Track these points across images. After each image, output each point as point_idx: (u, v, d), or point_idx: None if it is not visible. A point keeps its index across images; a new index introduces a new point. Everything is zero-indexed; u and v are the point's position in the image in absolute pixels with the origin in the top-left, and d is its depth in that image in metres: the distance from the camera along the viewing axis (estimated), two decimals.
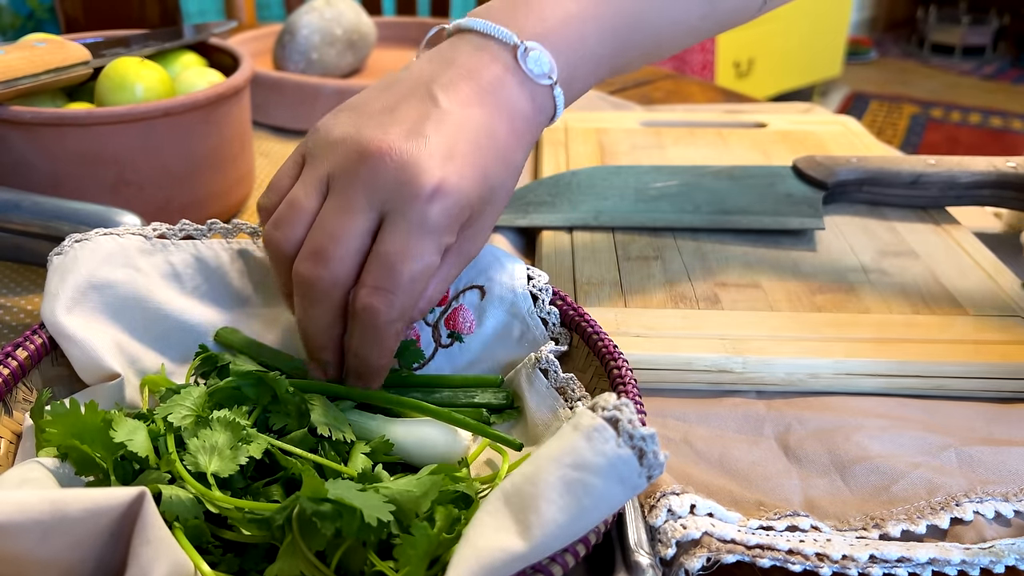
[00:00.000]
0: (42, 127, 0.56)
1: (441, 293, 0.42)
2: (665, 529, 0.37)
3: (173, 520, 0.32)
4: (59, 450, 0.34)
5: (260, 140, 0.86)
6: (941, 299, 0.54)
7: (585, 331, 0.44)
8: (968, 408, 0.47)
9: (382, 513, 0.31)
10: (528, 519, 0.30)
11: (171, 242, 0.46)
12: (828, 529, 0.38)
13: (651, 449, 0.30)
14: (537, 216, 0.63)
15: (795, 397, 0.48)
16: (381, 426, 0.40)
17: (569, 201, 0.64)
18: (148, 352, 0.43)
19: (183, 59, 0.71)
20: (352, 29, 0.97)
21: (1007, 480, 0.41)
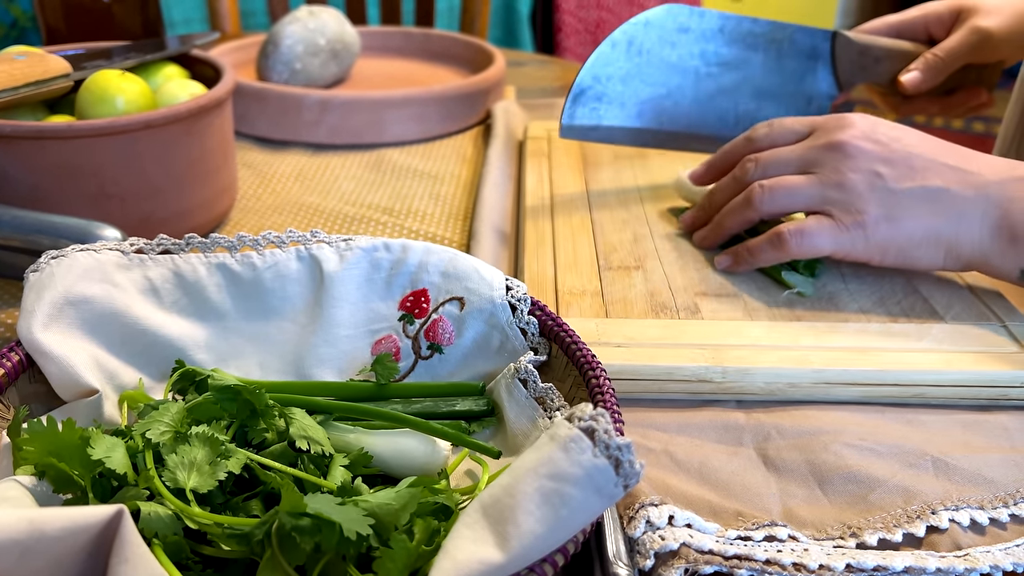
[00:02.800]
0: (22, 140, 0.56)
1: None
2: (643, 540, 0.37)
3: (152, 537, 0.32)
4: (37, 468, 0.34)
5: (243, 150, 0.86)
6: (918, 308, 0.54)
7: (564, 341, 0.44)
8: (945, 416, 0.48)
9: (361, 527, 0.31)
10: (506, 530, 0.30)
11: (149, 257, 0.46)
12: (806, 538, 0.39)
13: (627, 459, 0.30)
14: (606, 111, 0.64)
15: (774, 407, 0.48)
16: (360, 438, 0.40)
17: (636, 86, 0.64)
18: (126, 368, 0.43)
19: (165, 71, 0.71)
20: (336, 39, 0.98)
21: (983, 488, 0.42)
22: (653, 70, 0.64)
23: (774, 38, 0.66)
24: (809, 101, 0.71)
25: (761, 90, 0.67)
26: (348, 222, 0.72)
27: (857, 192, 0.54)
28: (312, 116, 0.87)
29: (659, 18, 0.63)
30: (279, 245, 0.48)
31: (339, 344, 0.47)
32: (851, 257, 0.55)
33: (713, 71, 0.66)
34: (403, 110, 0.89)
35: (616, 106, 0.64)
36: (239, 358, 0.47)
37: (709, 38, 0.65)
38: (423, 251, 0.48)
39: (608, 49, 0.62)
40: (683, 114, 0.67)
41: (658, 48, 0.63)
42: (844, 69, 0.70)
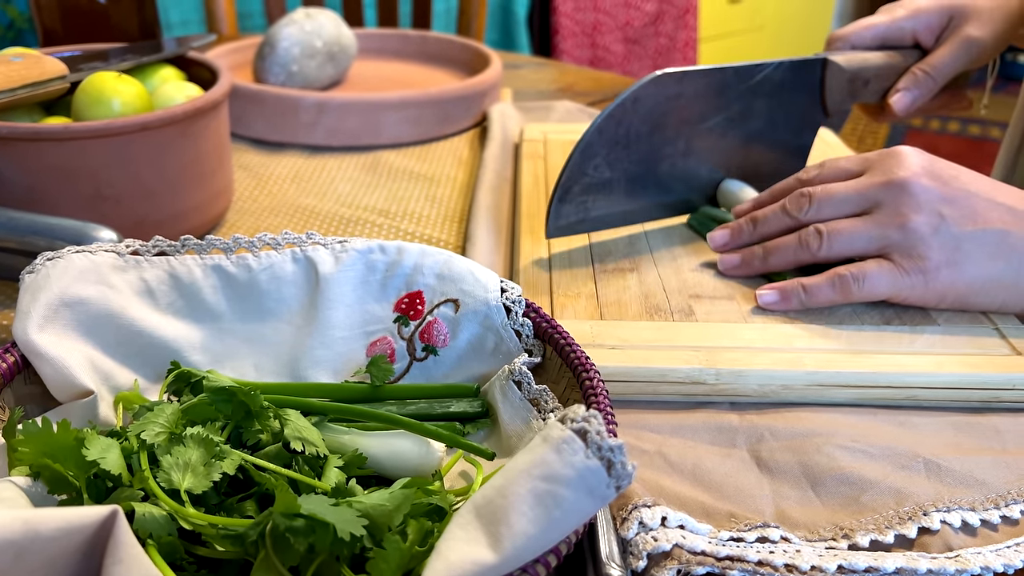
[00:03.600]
0: (18, 142, 0.56)
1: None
2: (636, 541, 0.38)
3: (146, 537, 0.32)
4: (32, 469, 0.34)
5: (240, 152, 0.87)
6: (911, 311, 0.55)
7: (558, 343, 0.44)
8: (937, 418, 0.48)
9: (355, 527, 0.32)
10: (499, 531, 0.30)
11: (144, 259, 0.46)
12: (798, 540, 0.39)
13: (619, 460, 0.30)
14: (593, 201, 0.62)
15: (767, 408, 0.48)
16: (355, 440, 0.40)
17: (624, 167, 0.62)
18: (121, 369, 0.43)
19: (161, 73, 0.71)
20: (332, 41, 0.98)
21: (974, 490, 0.42)
22: (642, 145, 0.61)
23: (766, 80, 0.64)
24: (798, 134, 0.69)
25: (751, 134, 0.66)
26: (344, 224, 0.72)
27: (919, 235, 0.52)
28: (309, 118, 0.87)
29: (647, 92, 0.60)
30: (275, 247, 0.48)
31: (334, 346, 0.47)
32: (909, 302, 0.54)
33: (703, 129, 0.64)
34: (399, 112, 0.89)
35: (604, 193, 0.62)
36: (234, 359, 0.47)
37: (700, 97, 0.62)
38: (418, 253, 0.48)
39: (595, 138, 0.59)
40: (675, 180, 0.65)
41: (647, 123, 0.61)
42: (833, 97, 0.68)
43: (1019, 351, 0.50)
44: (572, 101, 1.03)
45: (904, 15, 0.71)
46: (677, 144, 0.63)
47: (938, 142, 3.36)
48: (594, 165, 0.60)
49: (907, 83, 0.70)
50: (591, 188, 0.61)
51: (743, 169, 0.67)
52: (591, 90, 1.11)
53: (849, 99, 0.70)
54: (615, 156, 0.60)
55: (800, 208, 0.57)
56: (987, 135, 3.40)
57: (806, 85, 0.67)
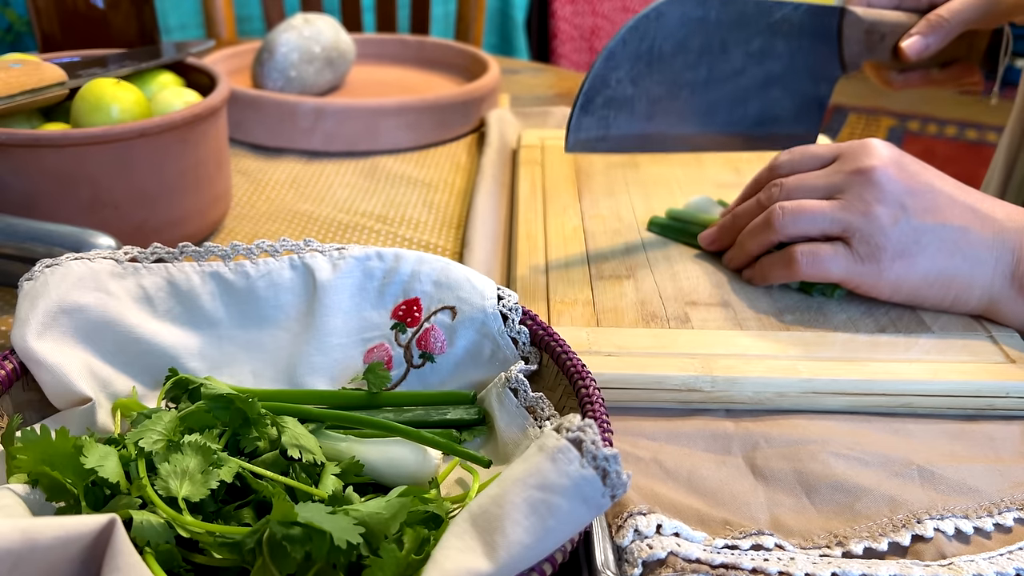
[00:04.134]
0: (17, 148, 0.56)
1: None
2: (631, 549, 0.38)
3: (144, 545, 0.32)
4: (30, 476, 0.35)
5: (238, 158, 0.87)
6: (906, 318, 0.55)
7: (554, 350, 0.44)
8: (932, 425, 0.48)
9: (351, 536, 0.32)
10: (494, 540, 0.30)
11: (143, 265, 0.46)
12: (792, 547, 0.39)
13: (614, 469, 0.30)
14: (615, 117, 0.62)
15: (763, 416, 0.48)
16: (352, 447, 0.41)
17: (647, 86, 0.62)
18: (119, 376, 0.44)
19: (160, 79, 0.71)
20: (331, 47, 0.98)
21: (968, 497, 0.42)
22: (664, 66, 0.62)
23: (784, 20, 0.65)
24: (816, 83, 0.69)
25: (770, 76, 0.66)
26: (342, 230, 0.72)
27: (879, 225, 0.53)
28: (307, 123, 0.87)
29: (670, 9, 0.60)
30: (272, 254, 0.48)
31: (331, 353, 0.47)
32: (861, 289, 0.55)
33: (723, 61, 0.64)
34: (398, 118, 0.89)
35: (626, 111, 0.62)
36: (232, 366, 0.47)
37: (722, 25, 0.63)
38: (415, 260, 0.49)
39: (619, 47, 0.59)
40: (694, 111, 0.65)
41: (670, 42, 0.61)
42: (850, 49, 0.68)
43: (1013, 359, 0.50)
44: (569, 106, 1.03)
45: None
46: (698, 71, 0.63)
47: (935, 146, 3.37)
48: (616, 78, 0.60)
49: (921, 27, 0.70)
50: (613, 102, 0.61)
51: (761, 114, 0.67)
52: None
53: (866, 51, 0.70)
54: (637, 72, 0.60)
55: (771, 198, 0.58)
56: (984, 139, 3.41)
57: (824, 31, 0.67)
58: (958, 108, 3.74)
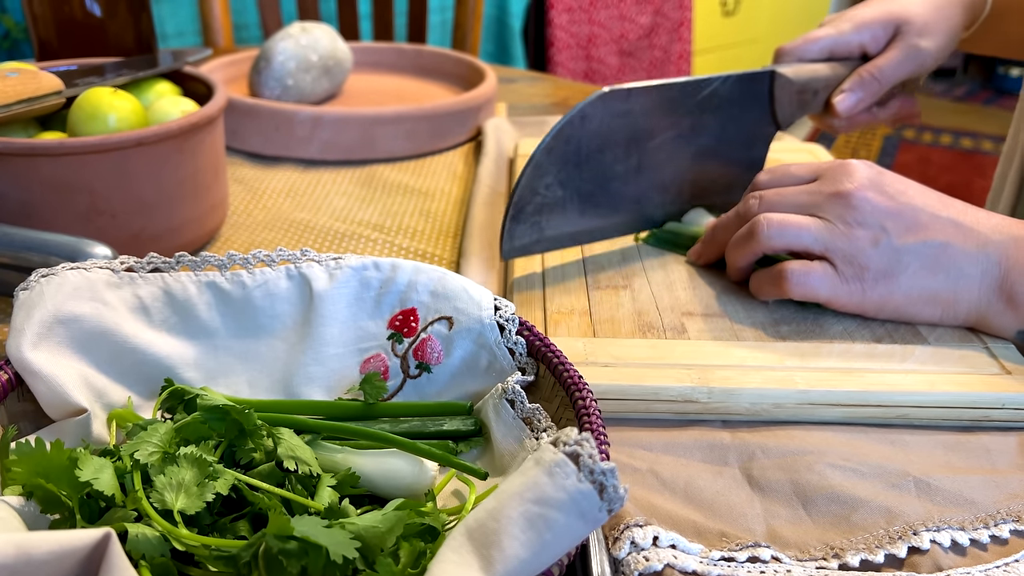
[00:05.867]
0: (14, 157, 0.56)
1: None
2: (628, 561, 0.38)
3: (139, 558, 0.32)
4: (24, 489, 0.34)
5: (235, 166, 0.87)
6: (902, 329, 0.55)
7: (551, 361, 0.44)
8: (928, 437, 0.48)
9: (347, 550, 0.32)
10: (491, 554, 0.30)
11: (139, 275, 0.46)
12: (789, 559, 0.39)
13: (611, 483, 0.30)
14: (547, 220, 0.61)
15: (759, 427, 0.48)
16: (348, 458, 0.40)
17: (577, 185, 0.61)
18: (115, 386, 0.43)
19: (157, 87, 0.71)
20: (328, 55, 0.98)
21: (964, 509, 0.42)
22: (593, 164, 0.61)
23: (713, 95, 0.64)
24: (750, 147, 0.69)
25: (702, 151, 0.66)
26: (338, 238, 0.72)
27: (860, 247, 0.54)
28: (304, 132, 0.87)
29: (594, 110, 0.59)
30: (269, 264, 0.48)
31: (328, 362, 0.47)
32: (847, 309, 0.55)
33: (653, 148, 0.63)
34: (394, 127, 0.89)
35: (558, 213, 0.61)
36: (228, 376, 0.47)
37: (649, 114, 0.62)
38: (412, 270, 0.49)
39: (544, 157, 0.59)
40: (627, 199, 0.64)
41: (596, 140, 0.60)
42: (783, 110, 0.68)
43: (1009, 370, 0.50)
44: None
45: (850, 28, 0.72)
46: (629, 161, 0.63)
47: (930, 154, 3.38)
48: (545, 184, 0.59)
49: (852, 84, 0.71)
50: (544, 207, 0.60)
51: (696, 184, 0.67)
52: None
53: (799, 110, 0.70)
54: (567, 174, 0.60)
55: (750, 210, 0.59)
56: (979, 148, 3.42)
57: (755, 98, 0.67)
58: (953, 117, 3.75)
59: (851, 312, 0.56)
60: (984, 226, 0.54)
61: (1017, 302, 0.52)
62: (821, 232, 0.54)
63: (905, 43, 0.71)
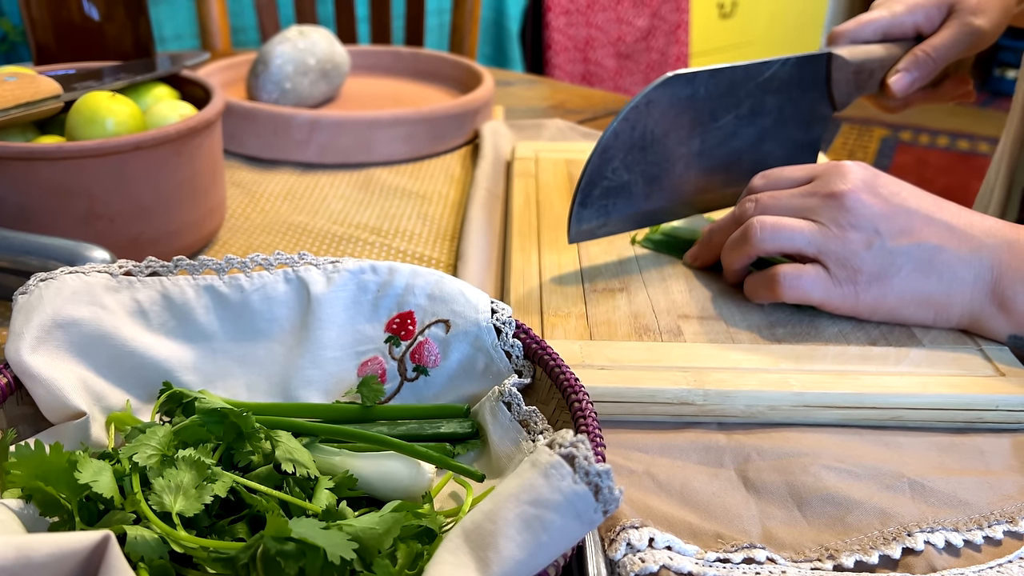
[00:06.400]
0: (12, 161, 0.56)
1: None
2: (624, 563, 0.38)
3: (138, 560, 0.33)
4: (24, 491, 0.35)
5: (232, 170, 0.87)
6: (897, 331, 0.55)
7: (548, 364, 0.44)
8: (922, 438, 0.48)
9: (345, 551, 0.32)
10: (487, 556, 0.30)
11: (137, 279, 0.46)
12: (784, 561, 0.39)
13: (606, 485, 0.31)
14: (613, 204, 0.62)
15: (755, 428, 0.49)
16: (345, 461, 0.41)
17: (643, 168, 0.62)
18: (114, 390, 0.44)
19: (155, 91, 0.72)
20: (325, 59, 0.98)
21: (958, 510, 0.43)
22: (658, 147, 0.62)
23: (773, 77, 0.65)
24: (807, 127, 0.70)
25: (762, 132, 0.67)
26: (336, 242, 0.73)
27: (853, 249, 0.54)
28: (301, 135, 0.88)
29: (660, 95, 0.61)
30: (267, 267, 0.48)
31: (325, 366, 0.48)
32: (840, 311, 0.55)
33: (715, 128, 0.65)
34: (392, 130, 0.89)
35: (624, 196, 0.62)
36: (226, 379, 0.47)
37: (711, 97, 0.63)
38: (409, 273, 0.49)
39: (612, 141, 0.60)
40: (690, 181, 0.66)
41: (661, 125, 0.61)
42: (840, 91, 0.69)
43: (1003, 372, 0.51)
44: (563, 119, 1.03)
45: (903, 9, 0.72)
46: (691, 144, 0.64)
47: (927, 156, 3.38)
48: (612, 168, 0.61)
49: (907, 64, 0.71)
50: (611, 191, 0.61)
51: (755, 166, 0.68)
52: (582, 107, 1.12)
53: (856, 91, 0.71)
54: (632, 158, 0.61)
55: (745, 213, 0.59)
56: (976, 149, 3.43)
57: (813, 80, 0.68)
58: (950, 118, 3.76)
59: (845, 314, 0.56)
60: (978, 229, 0.54)
61: (1009, 306, 0.52)
62: (814, 235, 0.55)
63: (960, 22, 0.70)
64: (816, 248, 0.55)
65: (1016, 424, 0.49)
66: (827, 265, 0.55)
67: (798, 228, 0.55)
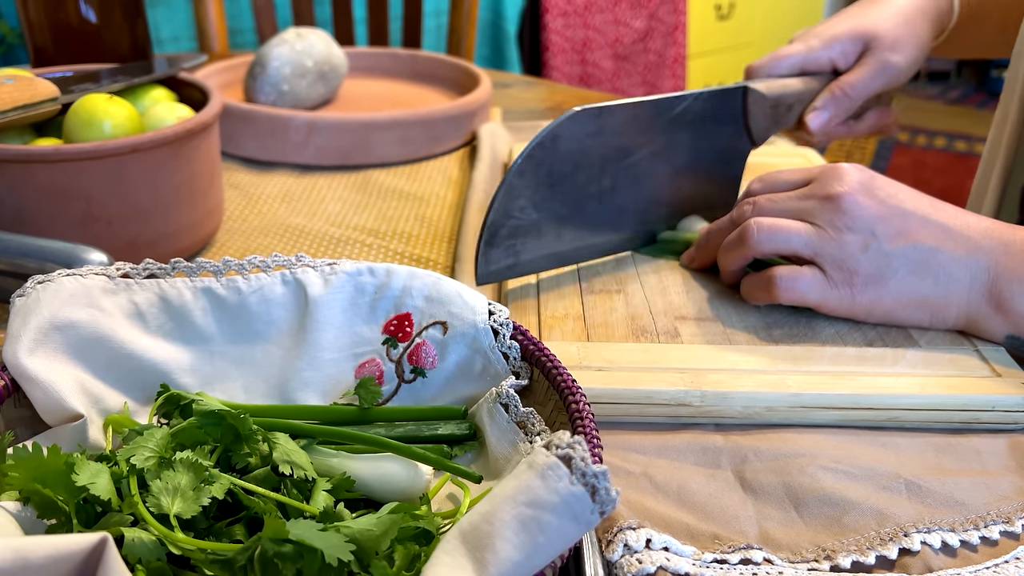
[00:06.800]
0: (9, 163, 0.56)
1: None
2: (621, 564, 0.38)
3: (136, 562, 0.33)
4: (21, 494, 0.35)
5: (230, 172, 0.87)
6: (893, 332, 0.55)
7: (545, 366, 0.44)
8: (919, 439, 0.49)
9: (342, 553, 0.32)
10: (484, 557, 0.31)
11: (135, 281, 0.46)
12: (781, 561, 0.39)
13: (603, 486, 0.31)
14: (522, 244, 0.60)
15: (752, 430, 0.49)
16: (343, 462, 0.41)
17: (552, 207, 0.60)
18: (111, 392, 0.44)
19: (153, 94, 0.72)
20: (323, 61, 0.99)
21: (955, 511, 0.43)
22: (567, 185, 0.60)
23: (686, 111, 0.64)
24: (726, 163, 0.69)
25: (678, 168, 0.65)
26: (334, 244, 0.73)
27: (850, 251, 0.54)
28: (299, 137, 0.88)
29: (565, 130, 0.58)
30: (264, 269, 0.49)
31: (323, 368, 0.48)
32: (836, 313, 0.55)
33: (627, 164, 0.62)
34: (390, 132, 0.89)
35: (533, 236, 0.59)
36: (224, 381, 0.47)
37: (621, 132, 0.61)
38: (407, 275, 0.49)
39: (517, 180, 0.57)
40: (603, 220, 0.63)
41: (569, 161, 0.59)
42: (758, 125, 0.68)
43: (999, 373, 0.51)
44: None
45: (820, 44, 0.73)
46: (603, 181, 0.62)
47: (925, 157, 3.39)
48: (519, 207, 0.58)
49: (824, 101, 0.71)
50: (519, 231, 0.59)
51: (674, 204, 0.67)
52: None
53: (773, 126, 0.70)
54: (540, 196, 0.59)
55: (743, 215, 0.59)
56: (973, 151, 3.44)
57: (728, 114, 0.67)
58: (947, 119, 3.77)
59: (841, 316, 0.56)
60: (974, 231, 0.54)
61: (1006, 307, 0.53)
62: (811, 236, 0.55)
63: (875, 59, 0.71)
64: (812, 250, 0.55)
65: (1012, 425, 0.49)
66: (823, 267, 0.55)
67: (795, 230, 0.55)
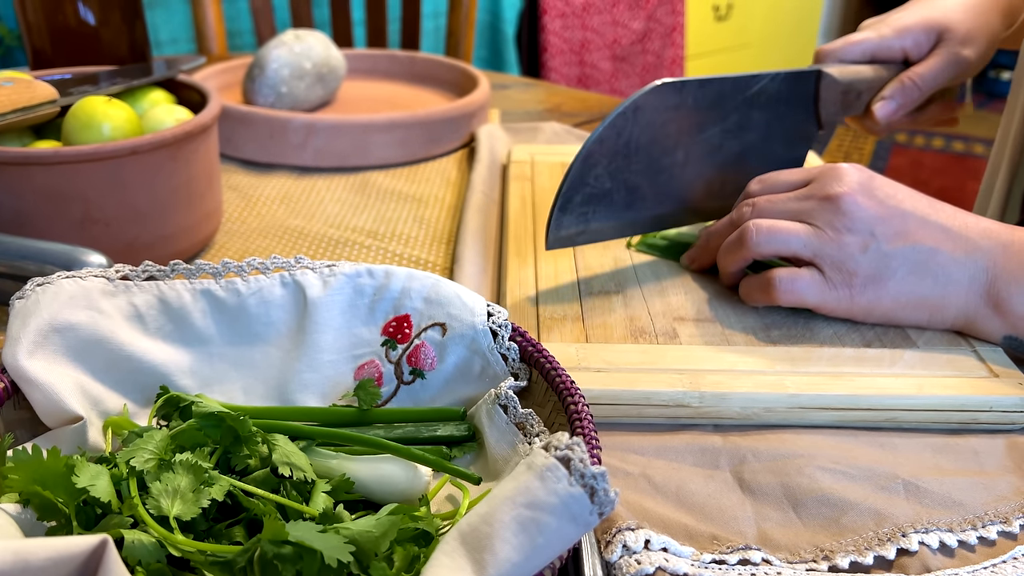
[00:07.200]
0: (8, 166, 0.56)
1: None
2: (620, 564, 0.38)
3: (136, 564, 0.33)
4: (21, 496, 0.35)
5: (229, 173, 0.87)
6: (891, 333, 0.55)
7: (544, 367, 0.45)
8: (917, 439, 0.49)
9: (342, 554, 0.32)
10: (483, 558, 0.31)
11: (134, 283, 0.46)
12: (779, 562, 0.39)
13: (602, 487, 0.31)
14: (594, 211, 0.61)
15: (750, 430, 0.49)
16: (342, 464, 0.41)
17: (625, 177, 0.61)
18: (111, 394, 0.44)
19: (151, 96, 0.72)
20: (321, 63, 0.99)
21: (952, 511, 0.43)
22: (642, 156, 0.61)
23: (762, 91, 0.64)
24: (791, 145, 0.69)
25: (746, 147, 0.66)
26: (333, 245, 0.73)
27: (849, 252, 0.54)
28: (298, 139, 0.88)
29: (648, 102, 0.59)
30: (263, 271, 0.49)
31: (322, 369, 0.48)
32: (835, 314, 0.56)
33: (701, 139, 0.64)
34: (388, 134, 0.90)
35: (605, 204, 0.61)
36: (223, 383, 0.47)
37: (699, 108, 0.62)
38: (406, 277, 0.49)
39: (596, 147, 0.58)
40: (672, 192, 0.65)
41: (647, 133, 0.60)
42: (827, 110, 0.69)
43: (997, 373, 0.51)
44: (559, 122, 1.04)
45: (892, 33, 0.72)
46: (676, 155, 0.63)
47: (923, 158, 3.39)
48: (595, 175, 0.60)
49: (892, 91, 0.71)
50: (592, 198, 0.60)
51: (737, 183, 0.68)
52: (578, 111, 1.12)
53: (842, 111, 0.70)
54: (616, 166, 0.60)
55: (742, 217, 0.59)
56: (971, 151, 3.44)
57: (801, 97, 0.67)
58: None
59: (840, 317, 0.56)
60: (973, 231, 0.54)
61: (1004, 308, 0.53)
62: (810, 238, 0.55)
63: (948, 51, 0.71)
64: (812, 251, 0.55)
65: (1010, 425, 0.49)
66: (822, 268, 0.55)
67: (794, 231, 0.56)
